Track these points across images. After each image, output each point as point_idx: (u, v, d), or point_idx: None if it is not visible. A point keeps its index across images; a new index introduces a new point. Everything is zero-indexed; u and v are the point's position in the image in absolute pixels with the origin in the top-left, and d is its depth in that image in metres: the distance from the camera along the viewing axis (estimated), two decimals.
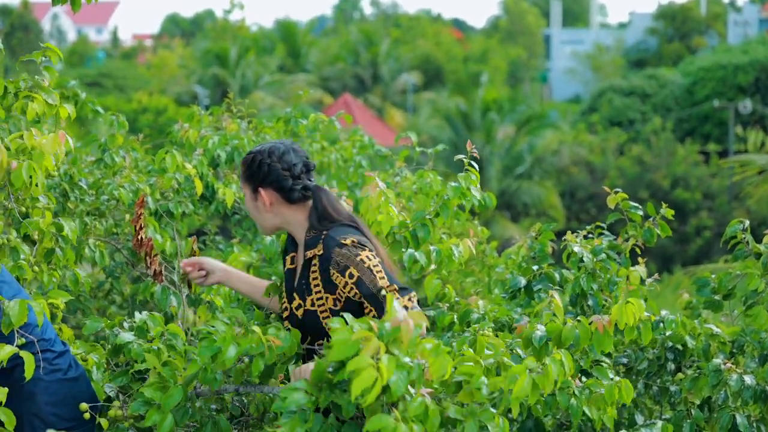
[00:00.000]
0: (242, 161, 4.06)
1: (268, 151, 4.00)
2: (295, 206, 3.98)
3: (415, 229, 4.44)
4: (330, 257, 3.80)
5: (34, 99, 4.27)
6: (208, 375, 3.44)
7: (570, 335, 3.93)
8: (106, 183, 5.70)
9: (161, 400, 3.44)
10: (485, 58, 58.71)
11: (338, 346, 2.87)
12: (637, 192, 31.60)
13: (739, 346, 5.36)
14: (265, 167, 3.97)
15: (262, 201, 3.98)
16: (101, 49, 70.99)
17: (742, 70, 41.06)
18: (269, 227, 4.07)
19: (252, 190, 4.02)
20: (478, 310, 4.98)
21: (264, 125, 7.14)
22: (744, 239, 5.40)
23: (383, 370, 2.82)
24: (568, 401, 4.07)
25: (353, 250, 3.77)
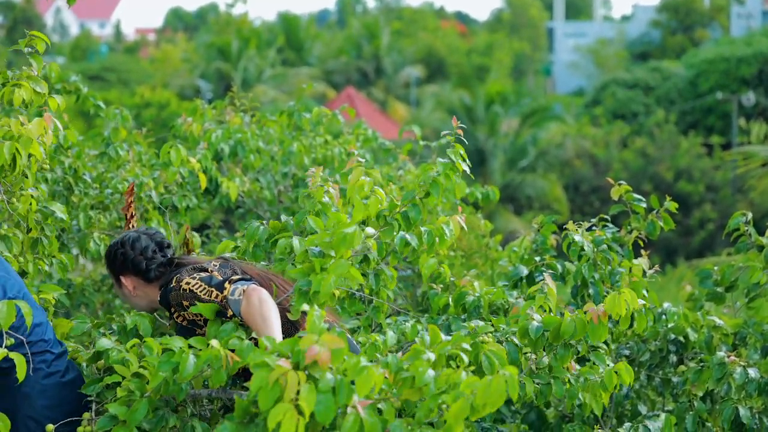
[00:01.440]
0: (104, 256, 4.34)
1: (121, 241, 4.26)
2: (154, 284, 4.21)
3: (406, 210, 4.42)
4: (171, 305, 4.02)
5: (21, 87, 4.25)
6: (171, 387, 3.47)
7: (568, 329, 3.92)
8: (110, 176, 5.72)
9: (126, 415, 3.46)
10: (489, 51, 58.62)
11: (262, 394, 2.83)
12: (640, 184, 31.54)
13: (742, 338, 5.37)
14: (120, 256, 4.23)
15: (126, 287, 4.23)
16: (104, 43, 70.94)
17: (746, 63, 40.96)
18: (143, 308, 4.27)
19: (115, 279, 4.28)
20: (474, 292, 4.97)
21: (267, 119, 7.14)
22: (746, 232, 5.40)
23: (303, 405, 2.78)
24: (563, 389, 4.08)
25: (175, 287, 3.98)
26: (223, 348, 3.36)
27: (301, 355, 2.83)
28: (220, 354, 3.32)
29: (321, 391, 2.82)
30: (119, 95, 35.75)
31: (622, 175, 32.29)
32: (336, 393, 2.84)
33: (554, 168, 35.50)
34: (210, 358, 3.31)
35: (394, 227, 4.43)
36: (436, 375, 3.08)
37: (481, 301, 4.89)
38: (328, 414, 2.82)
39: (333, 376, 2.86)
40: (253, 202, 6.80)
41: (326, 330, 2.92)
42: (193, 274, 3.99)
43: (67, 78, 5.97)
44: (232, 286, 3.82)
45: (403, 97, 51.69)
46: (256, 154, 6.44)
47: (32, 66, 4.39)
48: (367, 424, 2.92)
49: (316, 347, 2.84)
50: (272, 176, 6.80)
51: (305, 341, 2.85)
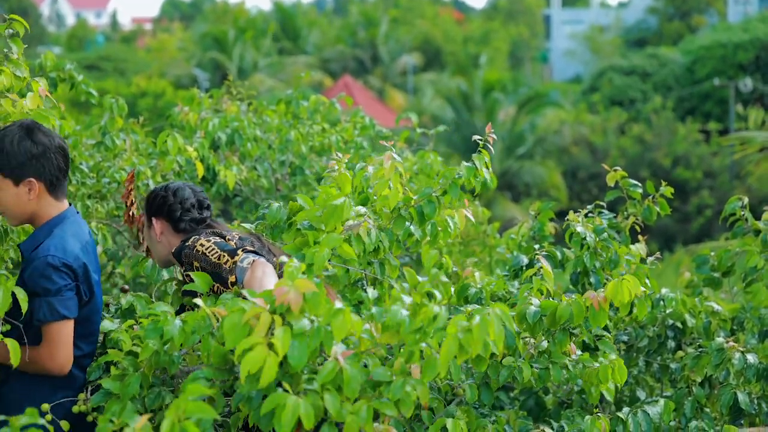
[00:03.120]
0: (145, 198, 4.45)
1: (166, 186, 4.38)
2: (181, 236, 4.30)
3: (421, 206, 4.44)
4: (182, 262, 4.10)
5: (2, 72, 4.24)
6: (162, 357, 3.45)
7: (565, 313, 3.93)
8: (107, 166, 5.71)
9: (119, 389, 3.45)
10: (486, 39, 58.54)
11: (229, 332, 2.82)
12: (638, 171, 31.56)
13: (740, 323, 5.37)
14: (159, 199, 4.34)
15: (155, 230, 4.34)
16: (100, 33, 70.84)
17: (743, 49, 40.93)
18: (161, 258, 4.39)
19: (148, 220, 4.38)
20: (476, 284, 4.98)
21: (264, 107, 7.14)
22: (743, 216, 5.41)
23: (277, 345, 2.76)
24: (561, 374, 4.09)
25: (191, 245, 4.06)
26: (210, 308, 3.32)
27: (273, 299, 2.83)
28: (207, 315, 3.29)
29: (294, 334, 2.80)
30: (115, 85, 35.69)
31: (619, 162, 32.31)
32: (311, 338, 2.82)
33: (552, 155, 35.51)
34: (197, 323, 3.29)
35: (406, 220, 4.45)
36: (410, 314, 3.03)
37: (483, 293, 4.90)
38: (300, 358, 2.80)
39: (309, 321, 2.84)
40: (250, 191, 6.80)
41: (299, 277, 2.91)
42: (210, 238, 4.07)
43: (62, 66, 5.95)
44: (244, 254, 3.91)
45: (400, 85, 51.65)
46: (253, 142, 6.43)
47: (12, 50, 4.37)
48: (347, 373, 2.90)
49: (286, 288, 2.84)
50: (269, 164, 6.79)
51: (279, 284, 2.85)
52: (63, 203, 3.97)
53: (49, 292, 3.71)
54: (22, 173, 3.81)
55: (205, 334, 3.30)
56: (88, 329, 3.92)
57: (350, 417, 2.94)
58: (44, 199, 3.89)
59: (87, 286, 3.86)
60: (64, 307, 3.74)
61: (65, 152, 3.91)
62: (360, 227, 4.07)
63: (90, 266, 3.90)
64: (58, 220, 3.91)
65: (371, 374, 3.02)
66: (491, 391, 4.33)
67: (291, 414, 2.80)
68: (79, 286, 3.81)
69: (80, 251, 3.86)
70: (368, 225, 4.11)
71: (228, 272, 3.89)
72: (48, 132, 3.88)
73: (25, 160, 3.80)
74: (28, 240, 3.90)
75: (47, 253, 3.75)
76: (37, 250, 3.79)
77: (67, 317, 3.75)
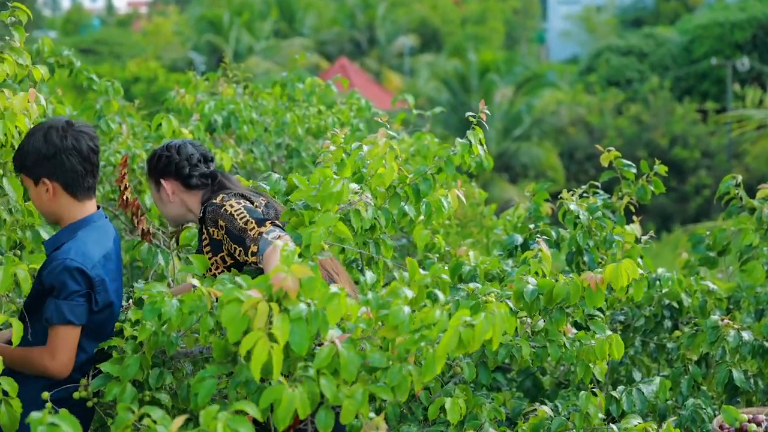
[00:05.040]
0: (148, 158, 4.41)
1: (167, 146, 4.34)
2: (194, 192, 4.31)
3: (417, 183, 4.45)
4: (206, 218, 4.11)
5: (4, 60, 4.24)
6: (160, 338, 3.46)
7: (561, 292, 3.94)
8: (102, 149, 5.70)
9: (119, 372, 3.47)
10: (483, 18, 58.37)
11: (229, 325, 2.80)
12: (635, 151, 31.52)
13: (736, 302, 5.39)
14: (164, 159, 4.30)
15: (165, 191, 4.30)
16: (96, 16, 70.63)
17: (740, 28, 40.83)
18: (175, 217, 4.37)
19: (155, 183, 4.34)
20: (470, 262, 4.99)
21: (260, 90, 7.13)
22: (737, 195, 5.41)
23: (277, 334, 2.77)
24: (559, 352, 4.10)
25: (219, 204, 4.07)
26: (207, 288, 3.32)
27: (271, 287, 2.82)
28: (203, 294, 3.29)
29: (293, 320, 2.80)
30: (111, 68, 35.61)
31: (616, 142, 32.28)
32: (309, 322, 2.82)
33: (549, 136, 35.48)
34: (194, 303, 3.28)
35: (402, 198, 4.46)
36: (410, 313, 3.00)
37: (477, 271, 4.91)
38: (302, 343, 2.80)
39: (306, 306, 2.84)
40: (247, 174, 6.80)
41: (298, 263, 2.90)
42: (240, 200, 4.07)
43: (59, 52, 5.94)
44: (271, 227, 3.91)
45: (397, 67, 51.55)
46: (249, 125, 6.44)
47: (14, 37, 4.37)
48: (343, 356, 2.91)
49: (282, 274, 2.83)
50: (266, 147, 6.79)
51: (275, 270, 2.84)
52: (87, 206, 3.92)
53: (60, 295, 3.70)
54: (38, 173, 3.82)
55: (203, 313, 3.29)
56: (99, 335, 3.91)
57: (347, 400, 2.94)
58: (63, 200, 3.86)
59: (102, 296, 3.84)
60: (72, 312, 3.73)
61: (83, 154, 3.83)
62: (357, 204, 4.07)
63: (107, 276, 3.87)
64: (82, 224, 3.88)
65: (368, 359, 3.01)
66: (489, 371, 4.35)
67: (287, 408, 2.81)
68: (91, 295, 3.80)
69: (100, 260, 3.84)
70: (365, 201, 4.12)
71: (252, 240, 3.91)
72: (68, 131, 3.82)
73: (37, 160, 3.80)
74: (52, 239, 3.91)
75: (66, 257, 3.75)
76: (58, 251, 3.79)
77: (72, 323, 3.74)
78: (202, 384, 3.03)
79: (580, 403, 3.96)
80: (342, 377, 2.93)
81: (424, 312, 3.01)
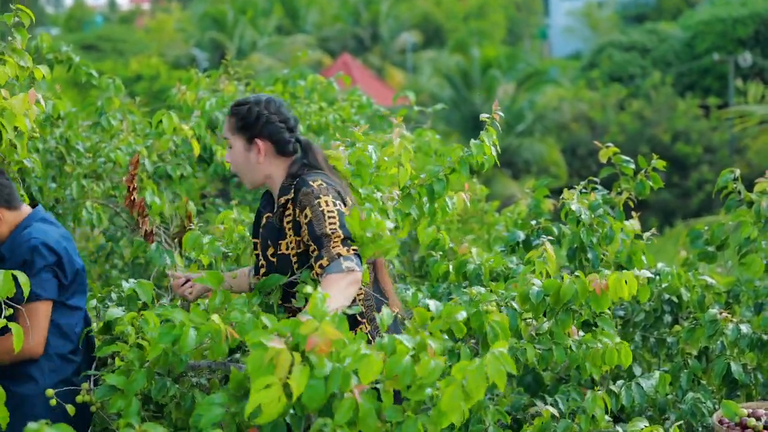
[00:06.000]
0: (233, 112, 4.05)
1: (264, 102, 4.04)
2: (283, 159, 4.04)
3: (431, 183, 4.47)
4: (297, 198, 3.87)
5: (6, 62, 4.26)
6: (171, 358, 3.45)
7: (569, 292, 3.93)
8: (103, 146, 5.72)
9: (124, 385, 3.46)
10: (484, 12, 58.30)
11: (254, 372, 2.78)
12: (637, 147, 31.48)
13: (735, 296, 5.40)
14: (263, 118, 4.00)
15: (256, 152, 4.01)
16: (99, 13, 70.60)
17: (742, 23, 40.79)
18: (257, 180, 4.07)
19: (246, 140, 4.02)
20: (474, 260, 5.00)
21: (262, 87, 7.15)
22: (735, 189, 5.43)
23: (293, 385, 2.75)
24: (564, 355, 4.10)
25: (315, 192, 3.83)
26: (223, 323, 3.34)
27: (302, 339, 2.81)
28: (220, 329, 3.31)
29: (315, 377, 2.80)
30: (114, 65, 35.62)
31: (619, 138, 32.26)
32: (329, 380, 2.82)
33: (551, 132, 35.46)
34: (210, 332, 3.30)
35: (415, 198, 4.47)
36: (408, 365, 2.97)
37: (481, 269, 4.91)
38: (316, 399, 2.80)
39: (331, 363, 2.83)
40: None
41: (327, 314, 2.87)
42: (337, 200, 3.85)
43: (58, 48, 5.96)
44: (353, 253, 3.70)
45: (399, 63, 51.50)
46: None
47: (16, 39, 4.39)
48: (363, 408, 2.89)
49: (316, 338, 2.81)
50: None
51: (306, 326, 2.82)
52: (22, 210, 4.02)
53: (29, 273, 3.71)
54: None
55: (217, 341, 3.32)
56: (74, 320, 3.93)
57: None
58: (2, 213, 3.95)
59: (69, 267, 3.88)
60: (40, 287, 3.77)
61: None
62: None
63: (71, 251, 3.93)
64: (27, 221, 3.97)
65: (384, 413, 3.02)
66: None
67: None
68: (57, 269, 3.84)
69: (59, 238, 3.90)
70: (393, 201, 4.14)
71: (327, 253, 3.70)
72: None
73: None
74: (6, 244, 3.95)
75: (29, 237, 3.81)
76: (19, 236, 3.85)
77: (41, 297, 3.77)
78: (209, 408, 3.04)
79: (586, 405, 3.96)
80: (360, 429, 2.92)
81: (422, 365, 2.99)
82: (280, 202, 3.95)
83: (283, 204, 3.95)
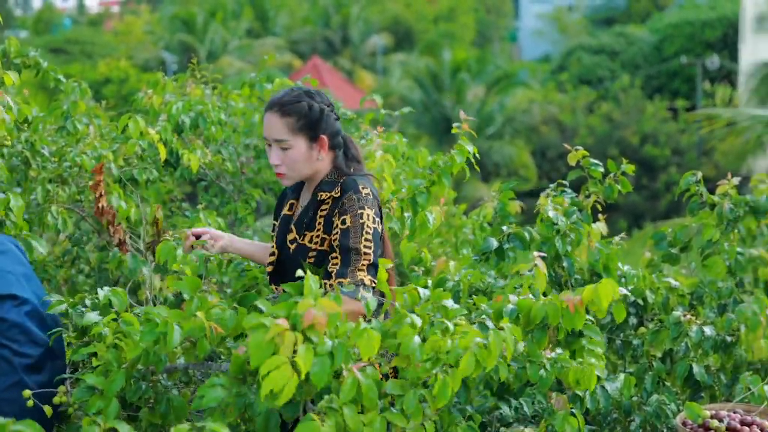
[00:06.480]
0: (290, 111, 3.78)
1: (317, 95, 3.84)
2: (332, 152, 3.87)
3: (414, 197, 4.48)
4: (341, 199, 3.72)
5: None
6: (151, 357, 3.43)
7: (539, 313, 3.87)
8: (69, 150, 5.69)
9: (103, 385, 3.43)
10: (453, 15, 58.45)
11: (255, 351, 2.81)
12: (606, 149, 31.67)
13: (698, 297, 5.44)
14: (325, 114, 3.81)
15: (319, 148, 3.81)
16: (68, 16, 70.24)
17: (710, 26, 41.13)
18: (305, 176, 3.87)
19: (310, 139, 3.80)
20: (452, 277, 5.01)
21: (229, 91, 7.13)
22: (697, 191, 5.47)
23: (300, 364, 2.79)
24: (538, 374, 4.06)
25: (361, 202, 3.70)
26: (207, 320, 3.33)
27: (299, 318, 2.84)
28: (204, 324, 3.31)
29: (318, 354, 2.84)
30: (82, 68, 35.44)
31: (588, 141, 32.44)
32: (333, 356, 2.87)
33: (521, 134, 35.64)
34: (193, 329, 3.30)
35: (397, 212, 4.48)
36: (420, 343, 3.10)
37: (461, 285, 4.91)
38: (323, 376, 2.84)
39: (331, 340, 2.89)
40: (215, 174, 6.80)
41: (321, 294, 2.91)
42: (377, 217, 3.73)
43: (26, 53, 5.92)
44: (371, 284, 3.63)
45: (369, 65, 51.58)
46: (217, 125, 6.43)
47: None
48: (364, 386, 2.96)
49: (314, 311, 2.84)
50: (234, 148, 6.79)
51: (302, 305, 2.85)
52: None
53: None
54: None
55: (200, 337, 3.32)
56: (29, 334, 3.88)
57: (366, 429, 3.02)
58: None
59: None
60: None
61: None
62: None
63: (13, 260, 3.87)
64: None
65: (384, 387, 3.10)
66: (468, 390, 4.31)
67: None
68: None
69: None
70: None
71: (351, 273, 3.62)
72: None
73: None
74: None
75: None
76: None
77: None
78: (211, 389, 3.06)
79: (557, 425, 3.94)
80: (365, 405, 2.99)
81: (434, 341, 3.11)
82: (321, 197, 3.81)
83: (321, 200, 3.81)
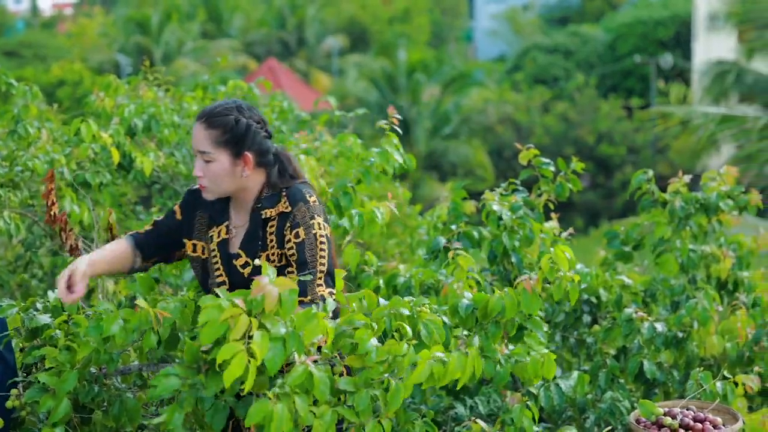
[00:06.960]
0: (215, 124, 3.64)
1: (246, 110, 3.69)
2: (262, 169, 3.73)
3: (337, 198, 4.47)
4: (293, 212, 3.63)
5: None
6: (102, 356, 3.41)
7: (497, 306, 3.91)
8: (20, 154, 5.64)
9: (56, 384, 3.41)
10: (409, 15, 58.49)
11: (207, 329, 2.82)
12: (562, 149, 31.82)
13: (651, 295, 5.49)
14: (252, 131, 3.66)
15: (243, 165, 3.67)
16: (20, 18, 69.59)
17: (663, 25, 41.47)
18: (229, 192, 3.74)
19: (233, 155, 3.65)
20: (404, 274, 5.02)
21: (182, 93, 7.10)
22: (649, 189, 5.52)
23: (256, 350, 2.80)
24: (494, 370, 4.08)
25: (311, 211, 3.62)
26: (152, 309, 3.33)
27: (256, 303, 2.85)
28: (149, 315, 3.29)
29: (272, 339, 2.85)
30: (35, 72, 35.11)
31: (544, 140, 32.60)
32: (287, 342, 2.89)
33: (477, 134, 35.73)
34: (139, 321, 3.29)
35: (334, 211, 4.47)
36: (378, 345, 3.14)
37: (412, 282, 4.92)
38: (277, 362, 2.86)
39: (285, 327, 2.90)
40: (168, 177, 6.76)
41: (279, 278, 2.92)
42: (326, 224, 3.65)
43: None
44: (329, 290, 3.58)
45: (325, 67, 51.50)
46: (170, 128, 6.40)
47: None
48: (316, 377, 2.98)
49: (266, 280, 2.86)
50: (187, 150, 6.76)
51: (256, 285, 2.87)
52: None
53: None
54: None
55: (147, 329, 3.31)
56: None
57: (317, 421, 3.05)
58: None
59: None
60: None
61: None
62: None
63: None
64: None
65: (338, 383, 3.12)
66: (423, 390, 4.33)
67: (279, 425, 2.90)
68: None
69: None
70: None
71: (311, 291, 3.54)
72: None
73: None
74: None
75: None
76: None
77: None
78: (165, 379, 3.04)
79: (514, 416, 3.95)
80: (316, 396, 3.01)
81: (391, 344, 3.16)
82: (267, 215, 3.69)
83: (266, 219, 3.70)
